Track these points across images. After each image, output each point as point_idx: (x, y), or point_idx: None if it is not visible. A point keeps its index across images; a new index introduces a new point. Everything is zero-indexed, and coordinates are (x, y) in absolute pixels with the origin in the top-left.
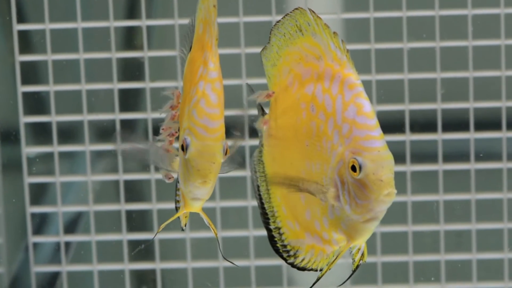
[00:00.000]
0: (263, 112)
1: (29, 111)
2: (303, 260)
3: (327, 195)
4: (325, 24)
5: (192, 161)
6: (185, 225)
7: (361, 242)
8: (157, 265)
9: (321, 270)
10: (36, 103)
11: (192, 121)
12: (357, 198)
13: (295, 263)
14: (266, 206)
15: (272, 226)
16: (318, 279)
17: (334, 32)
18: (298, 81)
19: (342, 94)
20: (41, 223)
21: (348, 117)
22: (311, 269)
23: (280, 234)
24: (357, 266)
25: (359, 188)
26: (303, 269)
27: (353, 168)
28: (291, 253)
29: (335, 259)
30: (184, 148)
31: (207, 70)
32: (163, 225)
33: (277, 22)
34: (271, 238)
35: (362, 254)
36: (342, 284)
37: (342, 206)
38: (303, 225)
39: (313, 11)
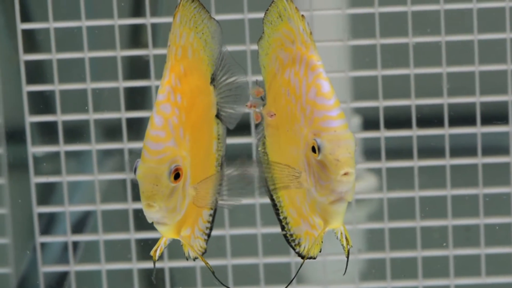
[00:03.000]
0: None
1: (34, 110)
2: (304, 248)
3: (300, 179)
4: (296, 7)
5: (139, 182)
6: (187, 253)
7: (336, 225)
8: (165, 264)
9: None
10: (42, 103)
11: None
12: (320, 180)
13: (300, 252)
14: (274, 197)
15: (281, 217)
16: (300, 266)
17: (302, 15)
18: (281, 67)
19: (306, 76)
20: (49, 223)
21: (310, 99)
22: (311, 257)
23: (287, 224)
24: (348, 252)
25: (320, 169)
26: (303, 257)
27: (314, 150)
28: (296, 241)
29: (313, 244)
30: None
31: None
32: (154, 254)
33: (266, 10)
34: (282, 228)
35: (346, 239)
36: (344, 273)
37: (310, 188)
38: (298, 211)
39: None
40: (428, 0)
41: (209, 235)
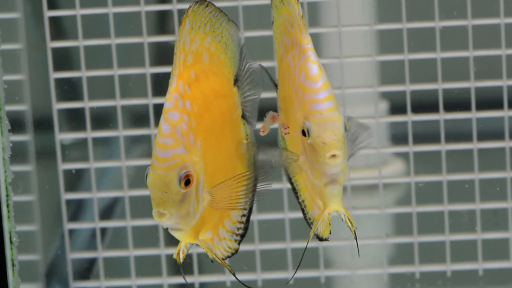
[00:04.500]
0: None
1: (62, 97)
2: (321, 230)
3: (298, 162)
4: None
5: (149, 190)
6: (211, 257)
7: (335, 207)
8: (194, 250)
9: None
10: (69, 89)
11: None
12: (313, 163)
13: (318, 234)
14: (293, 181)
15: (300, 200)
16: (305, 249)
17: None
18: (285, 51)
19: (299, 60)
20: (77, 210)
21: (301, 82)
22: (325, 239)
23: (305, 207)
24: (355, 233)
25: (311, 152)
26: (321, 239)
27: (304, 133)
28: (314, 224)
29: (315, 225)
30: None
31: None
32: (177, 257)
33: None
34: (302, 211)
35: (350, 221)
36: (358, 255)
37: (308, 172)
38: (310, 195)
39: None
40: None
41: (243, 235)
